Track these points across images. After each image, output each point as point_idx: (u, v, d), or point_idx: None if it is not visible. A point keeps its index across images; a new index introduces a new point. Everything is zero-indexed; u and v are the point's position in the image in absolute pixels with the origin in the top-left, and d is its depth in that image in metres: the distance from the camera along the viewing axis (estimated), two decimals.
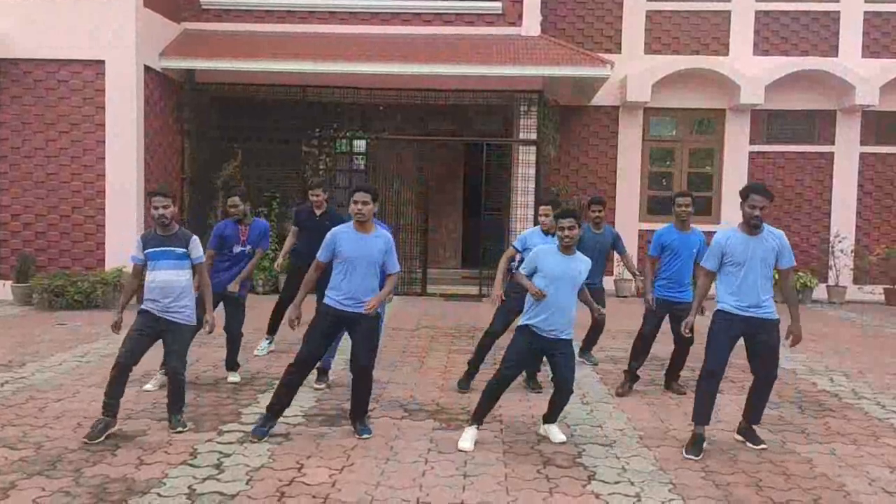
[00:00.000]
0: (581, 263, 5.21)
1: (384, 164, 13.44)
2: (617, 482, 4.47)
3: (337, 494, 4.17)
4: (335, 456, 4.80)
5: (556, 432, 5.27)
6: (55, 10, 11.10)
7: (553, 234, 6.29)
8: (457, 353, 8.21)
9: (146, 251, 5.28)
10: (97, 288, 10.56)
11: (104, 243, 11.28)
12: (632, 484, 4.45)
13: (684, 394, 6.59)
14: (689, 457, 4.94)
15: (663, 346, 7.04)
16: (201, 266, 5.48)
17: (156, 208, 5.23)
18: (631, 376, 6.69)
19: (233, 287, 6.68)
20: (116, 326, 5.36)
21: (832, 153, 14.34)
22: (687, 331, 5.44)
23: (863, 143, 14.29)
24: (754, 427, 5.30)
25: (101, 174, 11.26)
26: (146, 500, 4.04)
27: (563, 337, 5.16)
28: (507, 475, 4.54)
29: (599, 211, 7.56)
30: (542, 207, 6.66)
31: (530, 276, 5.22)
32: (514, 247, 6.56)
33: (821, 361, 8.21)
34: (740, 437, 5.29)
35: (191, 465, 4.56)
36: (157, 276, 5.24)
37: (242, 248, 6.80)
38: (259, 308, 10.80)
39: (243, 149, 13.07)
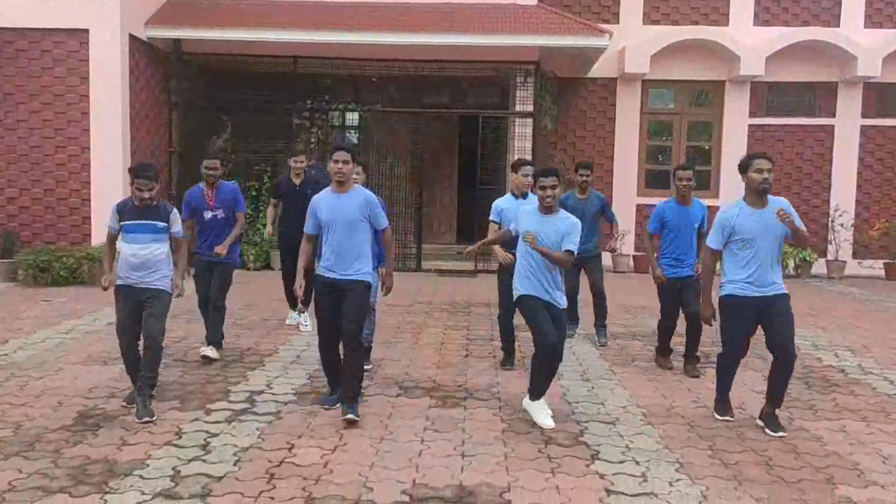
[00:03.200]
0: (563, 223, 4.96)
1: (377, 138, 13.15)
2: (621, 462, 4.28)
3: (329, 476, 3.97)
4: (327, 435, 4.60)
5: (538, 410, 4.94)
6: None
7: (524, 198, 6.09)
8: (452, 328, 8.01)
9: (122, 223, 5.08)
10: (83, 263, 10.31)
11: (90, 218, 11.02)
12: (637, 463, 4.26)
13: (697, 377, 6.25)
14: (725, 418, 4.97)
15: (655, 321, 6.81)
16: (181, 240, 5.34)
17: (140, 190, 4.98)
18: (663, 352, 6.50)
19: (220, 249, 6.47)
20: (109, 283, 5.16)
21: (833, 126, 14.09)
22: (712, 323, 5.09)
23: (864, 115, 14.05)
24: (777, 412, 4.97)
25: (85, 147, 10.97)
26: (128, 482, 3.83)
27: (556, 301, 4.98)
28: (506, 455, 4.35)
29: (587, 175, 7.35)
30: (522, 167, 6.34)
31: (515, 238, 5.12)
32: (493, 221, 6.24)
33: (824, 336, 8.04)
34: (761, 423, 4.96)
35: (176, 446, 4.36)
36: (132, 249, 5.02)
37: (213, 213, 6.56)
38: (252, 283, 10.62)
39: (233, 121, 12.79)
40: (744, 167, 4.87)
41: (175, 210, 5.26)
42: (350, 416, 4.78)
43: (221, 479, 3.90)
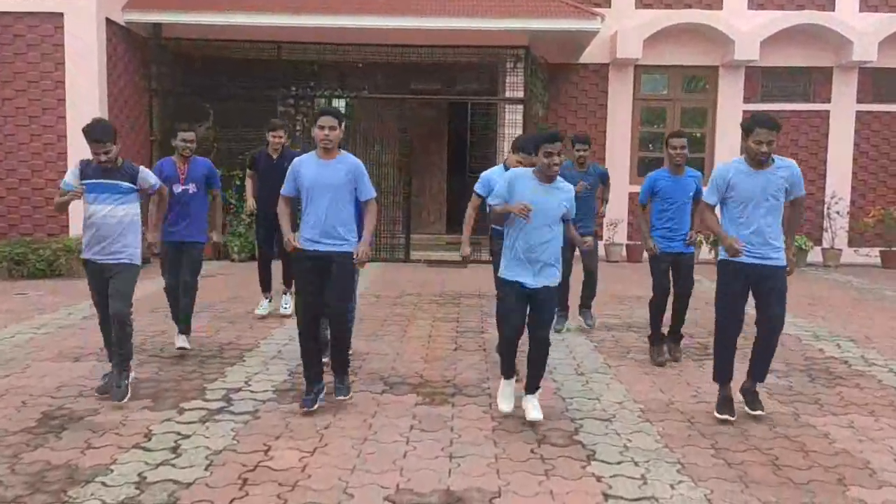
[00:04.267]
0: (562, 193, 4.59)
1: (364, 125, 12.83)
2: (619, 462, 4.02)
3: (307, 481, 3.69)
4: (307, 436, 4.32)
5: (531, 408, 4.59)
6: None
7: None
8: (441, 321, 7.74)
9: (85, 182, 4.80)
10: (60, 256, 9.97)
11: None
12: (636, 464, 4.00)
13: (678, 360, 6.17)
14: (724, 416, 4.64)
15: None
16: (160, 189, 5.16)
17: (96, 154, 4.75)
18: (656, 340, 6.24)
19: (216, 237, 6.53)
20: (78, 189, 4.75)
21: (828, 111, 13.85)
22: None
23: (860, 101, 13.81)
24: (758, 390, 4.87)
25: (62, 135, 10.62)
26: (88, 490, 3.54)
27: (548, 283, 4.59)
28: (497, 456, 4.08)
29: (584, 150, 7.09)
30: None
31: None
32: (476, 193, 5.91)
33: (824, 327, 7.81)
34: (741, 397, 4.86)
35: (144, 449, 4.07)
36: (96, 210, 4.80)
37: (184, 187, 6.26)
38: (237, 275, 10.30)
39: (215, 109, 12.43)
40: (746, 132, 4.65)
41: (143, 167, 5.00)
42: (342, 396, 4.85)
43: (190, 486, 3.62)
